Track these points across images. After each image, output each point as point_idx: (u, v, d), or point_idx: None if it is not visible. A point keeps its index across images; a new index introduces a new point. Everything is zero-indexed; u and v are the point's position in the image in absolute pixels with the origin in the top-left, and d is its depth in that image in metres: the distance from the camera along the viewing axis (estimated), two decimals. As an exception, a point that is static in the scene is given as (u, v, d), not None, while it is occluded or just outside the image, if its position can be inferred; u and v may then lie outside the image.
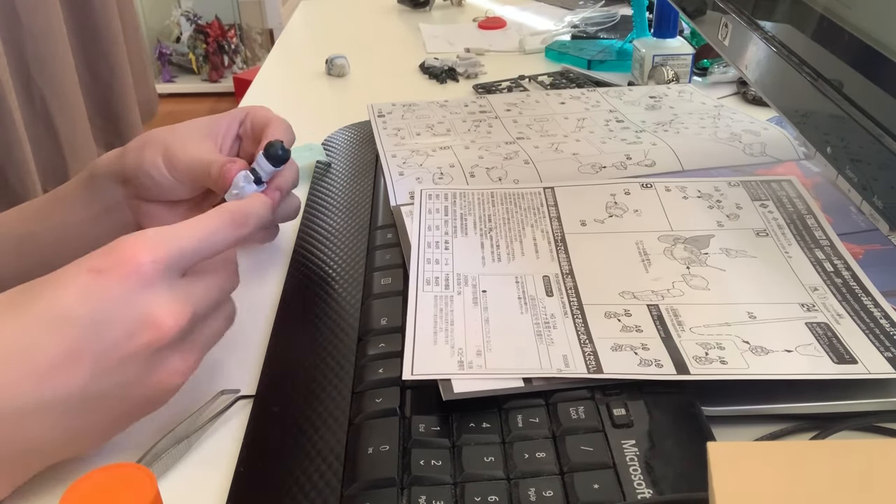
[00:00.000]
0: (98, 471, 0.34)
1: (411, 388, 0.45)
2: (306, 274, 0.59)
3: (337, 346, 0.50)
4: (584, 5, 1.20)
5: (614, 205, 0.60)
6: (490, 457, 0.40)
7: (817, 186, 0.62)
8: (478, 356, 0.46)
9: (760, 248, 0.55)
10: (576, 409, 0.43)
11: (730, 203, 0.60)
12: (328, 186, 0.71)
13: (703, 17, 0.67)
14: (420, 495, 0.39)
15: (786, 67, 0.50)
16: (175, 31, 3.22)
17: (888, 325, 0.47)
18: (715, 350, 0.45)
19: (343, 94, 0.98)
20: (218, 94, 3.20)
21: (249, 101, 0.97)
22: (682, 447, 0.40)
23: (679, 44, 0.91)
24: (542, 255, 0.56)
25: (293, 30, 1.28)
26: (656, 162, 0.68)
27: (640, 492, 0.38)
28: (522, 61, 1.06)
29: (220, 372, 0.52)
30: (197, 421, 0.47)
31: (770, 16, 0.55)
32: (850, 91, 0.44)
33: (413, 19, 1.27)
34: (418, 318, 0.49)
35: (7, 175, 2.13)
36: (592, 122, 0.77)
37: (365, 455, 0.41)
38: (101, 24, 2.53)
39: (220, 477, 0.44)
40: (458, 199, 0.62)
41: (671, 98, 0.82)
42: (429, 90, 0.97)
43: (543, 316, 0.49)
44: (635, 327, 0.48)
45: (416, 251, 0.56)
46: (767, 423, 0.45)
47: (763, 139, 0.71)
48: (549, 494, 0.38)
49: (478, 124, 0.77)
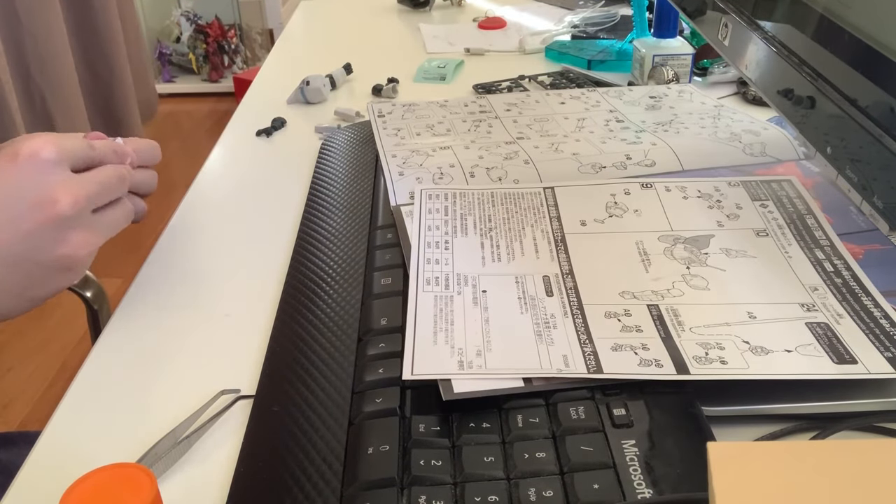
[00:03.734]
0: (98, 471, 0.34)
1: (411, 388, 0.45)
2: (306, 274, 0.59)
3: (337, 346, 0.50)
4: (584, 5, 1.20)
5: (614, 205, 0.60)
6: (490, 457, 0.40)
7: (817, 186, 0.62)
8: (478, 356, 0.46)
9: (760, 248, 0.55)
10: (576, 409, 0.43)
11: (730, 203, 0.60)
12: (328, 186, 0.71)
13: (703, 17, 0.67)
14: (420, 495, 0.39)
15: (786, 67, 0.50)
16: (175, 31, 3.22)
17: (888, 325, 0.47)
18: (715, 350, 0.45)
19: (343, 94, 0.98)
20: (218, 94, 3.19)
21: (249, 100, 0.98)
22: (682, 447, 0.40)
23: (679, 44, 0.91)
24: (542, 255, 0.56)
25: (293, 30, 1.28)
26: (656, 162, 0.68)
27: (640, 492, 0.38)
28: (522, 61, 1.06)
29: (220, 372, 0.52)
30: (197, 421, 0.47)
31: (770, 16, 0.55)
32: (850, 91, 0.44)
33: (413, 19, 1.27)
34: (418, 318, 0.49)
35: (7, 175, 2.13)
36: (592, 122, 0.77)
37: (365, 455, 0.41)
38: (101, 24, 2.53)
39: (220, 477, 0.44)
40: (458, 199, 0.62)
41: (671, 98, 0.82)
42: (429, 90, 0.97)
43: (543, 316, 0.49)
44: (635, 327, 0.48)
45: (416, 251, 0.56)
46: (767, 423, 0.45)
47: (763, 139, 0.71)
48: (549, 494, 0.38)
49: (478, 124, 0.77)
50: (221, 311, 0.58)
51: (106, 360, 0.54)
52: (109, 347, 0.56)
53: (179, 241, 0.68)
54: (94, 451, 0.47)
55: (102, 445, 0.47)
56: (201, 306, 0.59)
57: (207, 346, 0.55)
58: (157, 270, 0.64)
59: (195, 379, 0.51)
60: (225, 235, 0.68)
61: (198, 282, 0.62)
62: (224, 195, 0.75)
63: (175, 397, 0.50)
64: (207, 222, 0.71)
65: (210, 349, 0.54)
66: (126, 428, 0.48)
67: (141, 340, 0.56)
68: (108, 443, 0.47)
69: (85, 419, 0.49)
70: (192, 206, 0.73)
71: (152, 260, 0.65)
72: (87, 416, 0.49)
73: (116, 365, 0.54)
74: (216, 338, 0.55)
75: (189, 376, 0.52)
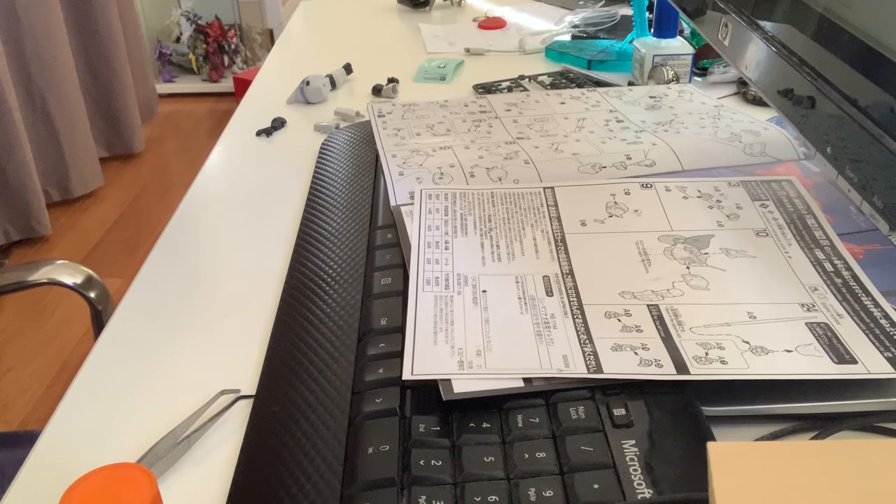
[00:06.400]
0: (98, 471, 0.34)
1: (411, 388, 0.45)
2: (306, 274, 0.59)
3: (337, 346, 0.50)
4: (584, 5, 1.20)
5: (614, 205, 0.60)
6: (490, 457, 0.40)
7: (817, 186, 0.62)
8: (478, 356, 0.46)
9: (760, 248, 0.55)
10: (576, 409, 0.43)
11: (730, 203, 0.60)
12: (328, 186, 0.71)
13: (703, 17, 0.66)
14: (420, 495, 0.39)
15: (786, 67, 0.50)
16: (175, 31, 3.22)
17: (888, 325, 0.47)
18: (715, 350, 0.45)
19: (343, 94, 0.98)
20: (218, 94, 3.19)
21: (249, 100, 0.98)
22: (682, 447, 0.40)
23: (679, 44, 0.91)
24: (542, 255, 0.56)
25: (293, 30, 1.28)
26: (656, 162, 0.68)
27: (640, 492, 0.38)
28: (522, 61, 1.06)
29: (220, 372, 0.52)
30: (197, 421, 0.47)
31: (770, 16, 0.55)
32: (850, 91, 0.44)
33: (413, 19, 1.27)
34: (418, 318, 0.49)
35: (7, 175, 2.14)
36: (592, 122, 0.77)
37: (365, 455, 0.41)
38: (101, 24, 2.53)
39: (220, 477, 0.44)
40: (458, 199, 0.62)
41: (671, 98, 0.82)
42: (429, 90, 0.97)
43: (543, 316, 0.49)
44: (635, 327, 0.48)
45: (416, 251, 0.56)
46: (767, 423, 0.45)
47: (763, 139, 0.71)
48: (549, 494, 0.38)
49: (478, 124, 0.77)
50: (221, 311, 0.58)
51: (106, 360, 0.54)
52: (109, 347, 0.56)
53: (179, 241, 0.68)
54: (94, 451, 0.47)
55: (102, 445, 0.47)
56: (201, 306, 0.59)
57: (207, 346, 0.55)
58: (157, 270, 0.64)
59: (195, 379, 0.51)
60: (225, 235, 0.68)
61: (198, 282, 0.62)
62: (224, 195, 0.75)
63: (175, 397, 0.50)
64: (207, 222, 0.71)
65: (210, 349, 0.54)
66: (126, 428, 0.48)
67: (141, 341, 0.56)
68: (108, 443, 0.47)
69: (85, 419, 0.49)
70: (192, 206, 0.74)
71: (152, 260, 0.65)
72: (87, 416, 0.49)
73: (116, 365, 0.54)
74: (216, 338, 0.55)
75: (189, 376, 0.52)
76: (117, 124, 2.65)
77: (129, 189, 2.52)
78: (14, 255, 2.22)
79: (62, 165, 2.37)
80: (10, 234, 2.21)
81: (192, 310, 0.59)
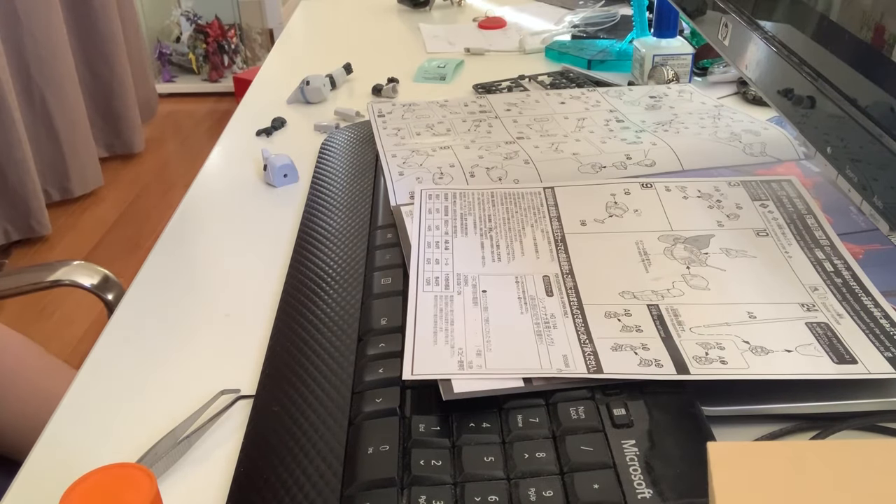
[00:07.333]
0: (98, 471, 0.34)
1: (411, 388, 0.45)
2: (306, 274, 0.59)
3: (337, 346, 0.50)
4: (584, 5, 1.20)
5: (614, 205, 0.60)
6: (490, 457, 0.40)
7: (817, 186, 0.62)
8: (478, 356, 0.46)
9: (760, 247, 0.55)
10: (576, 409, 0.43)
11: (730, 203, 0.60)
12: (328, 186, 0.71)
13: (703, 17, 0.66)
14: (420, 495, 0.39)
15: (786, 67, 0.50)
16: (175, 31, 3.22)
17: (888, 325, 0.47)
18: (715, 350, 0.45)
19: (343, 94, 0.98)
20: (218, 93, 3.19)
21: (249, 100, 0.98)
22: (682, 447, 0.40)
23: (679, 44, 0.91)
24: (542, 255, 0.56)
25: (293, 30, 1.28)
26: (656, 162, 0.68)
27: (640, 492, 0.38)
28: (522, 61, 1.06)
29: (220, 372, 0.52)
30: (197, 421, 0.47)
31: (770, 16, 0.55)
32: (850, 91, 0.44)
33: (413, 19, 1.27)
34: (418, 318, 0.49)
35: (7, 175, 2.14)
36: (592, 121, 0.77)
37: (365, 455, 0.41)
38: (101, 24, 2.53)
39: (220, 477, 0.44)
40: (458, 199, 0.62)
41: (671, 98, 0.82)
42: (429, 90, 0.97)
43: (543, 316, 0.49)
44: (635, 327, 0.48)
45: (416, 251, 0.56)
46: (767, 423, 0.45)
47: (763, 139, 0.71)
48: (549, 494, 0.38)
49: (478, 124, 0.77)
50: (221, 311, 0.58)
51: (106, 360, 0.54)
52: (109, 347, 0.56)
53: (179, 241, 0.68)
54: (94, 451, 0.47)
55: (102, 445, 0.47)
56: (201, 306, 0.59)
57: (207, 346, 0.55)
58: (157, 270, 0.64)
59: (195, 379, 0.51)
60: (225, 235, 0.68)
61: (198, 282, 0.62)
62: (224, 195, 0.75)
63: (175, 397, 0.50)
64: (207, 222, 0.71)
65: (210, 349, 0.54)
66: (126, 428, 0.48)
67: (141, 340, 0.56)
68: (108, 443, 0.47)
69: (85, 419, 0.49)
70: (192, 206, 0.74)
71: (152, 260, 0.65)
72: (87, 416, 0.49)
73: (116, 365, 0.54)
74: (216, 338, 0.55)
75: (189, 376, 0.52)
76: (117, 124, 2.65)
77: (129, 189, 2.52)
78: (14, 255, 2.22)
79: (62, 165, 2.37)
80: (10, 234, 2.21)
81: (192, 310, 0.59)
